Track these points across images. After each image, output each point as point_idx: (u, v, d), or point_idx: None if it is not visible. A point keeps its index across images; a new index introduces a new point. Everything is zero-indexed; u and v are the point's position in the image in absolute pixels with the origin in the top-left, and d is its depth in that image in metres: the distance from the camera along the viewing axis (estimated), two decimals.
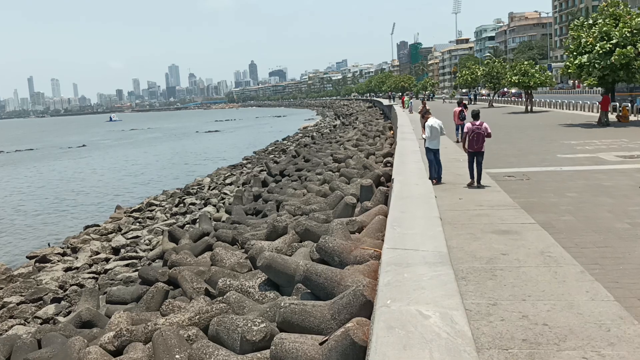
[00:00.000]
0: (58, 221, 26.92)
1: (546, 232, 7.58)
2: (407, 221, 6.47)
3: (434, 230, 6.04)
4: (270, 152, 46.10)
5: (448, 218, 8.34)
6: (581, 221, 8.36)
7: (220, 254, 10.18)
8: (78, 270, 16.33)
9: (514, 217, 8.44)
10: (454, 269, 5.38)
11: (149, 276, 11.32)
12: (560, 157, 15.59)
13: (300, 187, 19.36)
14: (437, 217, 6.72)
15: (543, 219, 8.45)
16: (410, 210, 6.95)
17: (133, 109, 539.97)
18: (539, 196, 10.34)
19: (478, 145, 11.56)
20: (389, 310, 4.28)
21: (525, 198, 10.10)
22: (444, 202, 9.36)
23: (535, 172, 13.20)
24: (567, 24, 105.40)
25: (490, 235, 7.42)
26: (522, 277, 5.73)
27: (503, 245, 6.93)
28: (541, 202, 9.74)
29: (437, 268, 5.10)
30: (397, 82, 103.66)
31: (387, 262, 5.52)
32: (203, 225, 17.12)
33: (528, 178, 12.40)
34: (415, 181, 9.10)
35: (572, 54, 24.51)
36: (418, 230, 6.08)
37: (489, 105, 51.82)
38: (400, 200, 7.61)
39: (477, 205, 9.37)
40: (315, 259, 8.51)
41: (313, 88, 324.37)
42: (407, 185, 8.90)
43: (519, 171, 13.37)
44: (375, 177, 14.52)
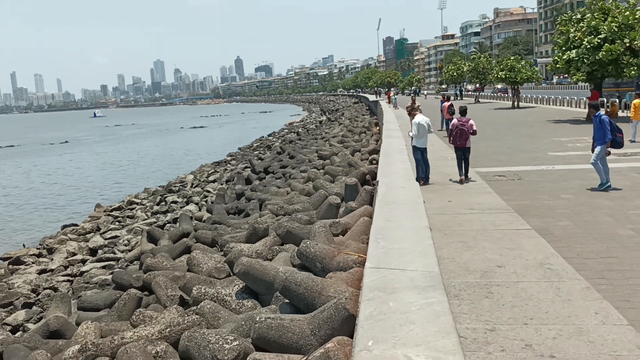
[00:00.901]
0: (35, 220, 26.16)
1: (544, 239, 7.06)
2: (393, 232, 5.77)
3: (424, 244, 5.28)
4: (255, 148, 45.52)
5: (437, 223, 7.80)
6: (580, 227, 7.87)
7: (197, 258, 9.66)
8: (52, 273, 15.71)
9: (507, 222, 7.92)
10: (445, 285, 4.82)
11: (123, 281, 10.77)
12: (551, 155, 15.16)
13: (284, 185, 18.88)
14: (426, 228, 6.00)
15: (539, 224, 7.97)
16: (397, 219, 6.26)
17: (118, 104, 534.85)
18: (532, 198, 9.89)
19: (461, 142, 11.48)
20: (371, 357, 3.59)
21: (518, 200, 9.64)
22: (433, 205, 8.84)
23: (526, 172, 12.72)
24: (552, 20, 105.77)
25: (484, 243, 6.90)
26: (522, 295, 5.17)
27: (498, 256, 6.38)
28: (535, 205, 9.28)
29: (428, 294, 4.46)
30: (383, 78, 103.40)
31: (369, 286, 4.82)
32: (183, 225, 16.56)
33: (520, 178, 11.96)
34: (401, 183, 8.49)
35: (560, 49, 24.19)
36: (405, 244, 5.35)
37: (475, 101, 51.62)
38: (386, 206, 6.96)
39: (468, 208, 8.85)
40: (297, 264, 8.05)
41: (299, 83, 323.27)
42: (393, 189, 8.28)
43: (509, 170, 12.89)
44: (361, 176, 14.07)
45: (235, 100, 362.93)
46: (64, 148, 69.33)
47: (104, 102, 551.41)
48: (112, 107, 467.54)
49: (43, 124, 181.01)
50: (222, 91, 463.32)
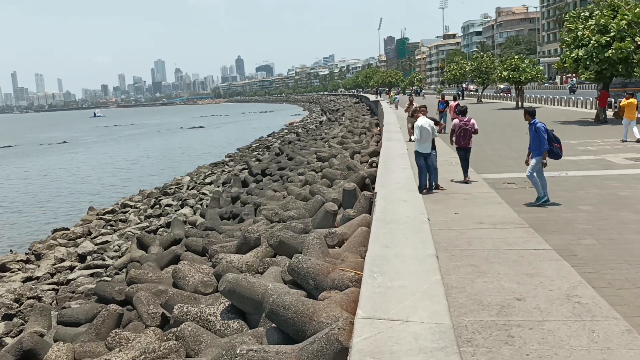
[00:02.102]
0: (26, 223, 25.50)
1: (567, 263, 6.08)
2: (393, 264, 4.66)
3: (430, 281, 4.10)
4: (254, 149, 44.85)
5: (443, 241, 6.90)
6: (607, 246, 6.94)
7: (182, 271, 8.98)
8: (38, 281, 15.03)
9: (523, 240, 6.98)
10: (455, 325, 3.92)
11: (105, 293, 10.11)
12: (563, 160, 14.09)
13: (281, 189, 18.21)
14: (432, 256, 4.84)
15: (559, 242, 7.06)
16: (397, 244, 5.13)
17: (118, 104, 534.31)
18: (548, 210, 9.05)
19: (465, 142, 11.49)
20: None
21: (532, 212, 8.78)
22: (438, 218, 7.94)
23: None
24: (555, 19, 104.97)
25: (498, 267, 5.98)
26: (549, 340, 4.23)
27: (516, 284, 5.46)
28: (552, 218, 8.37)
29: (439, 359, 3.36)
30: (384, 78, 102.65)
31: (359, 350, 3.66)
32: (175, 230, 15.91)
33: (532, 186, 10.92)
34: (402, 196, 7.47)
35: (568, 48, 23.39)
36: (407, 281, 4.21)
37: (477, 101, 50.87)
38: (384, 226, 5.88)
39: (477, 222, 7.92)
40: (288, 280, 7.38)
41: (300, 83, 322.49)
42: (393, 203, 7.23)
43: (519, 177, 11.88)
44: (360, 180, 13.40)
45: (236, 100, 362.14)
46: (62, 148, 68.69)
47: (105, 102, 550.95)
48: (112, 107, 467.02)
49: (43, 123, 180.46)
50: (222, 91, 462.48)
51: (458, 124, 11.58)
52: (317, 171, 19.93)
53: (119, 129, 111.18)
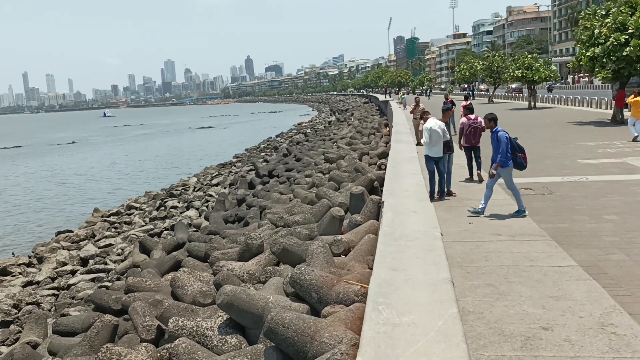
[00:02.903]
0: (32, 225, 25.28)
1: (597, 283, 5.44)
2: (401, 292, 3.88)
3: (446, 316, 3.24)
4: (262, 149, 44.49)
5: (457, 255, 6.27)
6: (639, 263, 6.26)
7: (181, 280, 8.55)
8: (38, 286, 14.72)
9: (545, 254, 6.35)
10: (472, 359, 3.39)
11: (102, 302, 9.72)
12: (581, 163, 13.49)
13: (287, 191, 17.77)
14: (447, 282, 3.98)
15: (585, 257, 6.39)
16: (406, 266, 4.37)
17: (128, 104, 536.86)
18: (570, 219, 8.31)
19: (475, 140, 11.49)
20: None
21: (553, 222, 8.06)
22: (450, 228, 7.37)
23: (556, 184, 11.12)
24: (567, 18, 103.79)
25: (519, 288, 5.33)
26: None
27: (541, 309, 4.83)
28: (575, 229, 7.71)
29: None
30: (394, 77, 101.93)
31: None
32: (179, 234, 15.51)
33: (550, 192, 10.44)
34: (412, 206, 6.69)
35: (584, 46, 22.70)
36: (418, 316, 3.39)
37: (488, 101, 50.15)
38: (392, 242, 5.10)
39: (494, 233, 7.32)
40: (290, 292, 6.93)
41: (309, 83, 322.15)
42: (402, 214, 6.43)
43: (536, 182, 11.29)
44: (368, 182, 12.92)
45: (245, 100, 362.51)
46: (70, 149, 68.76)
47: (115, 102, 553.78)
48: (122, 107, 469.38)
49: (53, 124, 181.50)
50: (232, 91, 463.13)
51: (467, 122, 11.53)
52: (324, 173, 19.48)
53: (128, 129, 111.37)
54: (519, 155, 9.09)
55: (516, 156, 9.02)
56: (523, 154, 9.23)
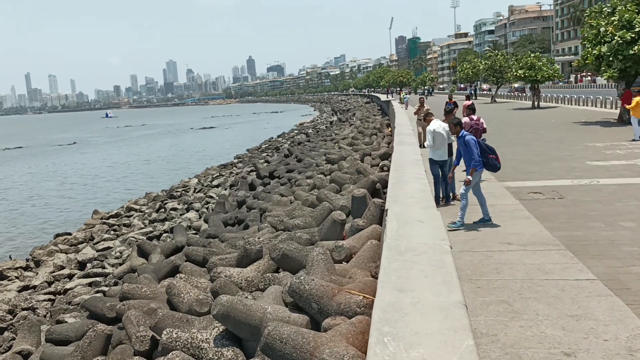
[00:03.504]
0: (31, 227, 25.04)
1: (619, 299, 4.96)
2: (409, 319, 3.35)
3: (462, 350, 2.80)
4: (263, 150, 44.22)
5: (466, 267, 5.88)
6: None
7: (177, 287, 8.27)
8: (34, 290, 14.44)
9: (561, 266, 5.92)
10: None
11: (96, 309, 9.44)
12: (591, 166, 12.98)
13: (288, 193, 17.50)
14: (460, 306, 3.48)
15: (604, 270, 5.94)
16: (414, 287, 3.87)
17: (130, 105, 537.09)
18: (584, 226, 7.84)
19: None
20: None
21: (567, 230, 7.60)
22: (458, 236, 7.02)
23: (567, 187, 10.65)
24: (570, 17, 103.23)
25: (535, 305, 4.91)
26: None
27: (561, 331, 4.41)
28: (591, 238, 7.25)
29: None
30: (396, 77, 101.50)
31: None
32: (177, 237, 15.27)
33: (561, 196, 9.90)
34: (418, 214, 6.17)
35: (590, 44, 22.32)
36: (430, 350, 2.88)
37: (491, 101, 49.77)
38: (398, 257, 4.61)
39: (504, 242, 6.89)
40: (289, 302, 6.64)
41: (311, 83, 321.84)
42: (407, 225, 5.87)
43: (545, 185, 10.83)
44: (370, 185, 12.63)
45: (247, 100, 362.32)
46: (72, 150, 68.57)
47: (117, 103, 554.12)
48: (124, 108, 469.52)
49: (55, 124, 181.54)
50: (234, 91, 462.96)
51: (469, 123, 11.48)
52: (325, 174, 19.21)
53: (130, 130, 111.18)
54: (490, 156, 8.71)
55: (487, 158, 8.63)
56: (494, 155, 8.85)
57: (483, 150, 8.60)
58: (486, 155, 8.64)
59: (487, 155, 8.67)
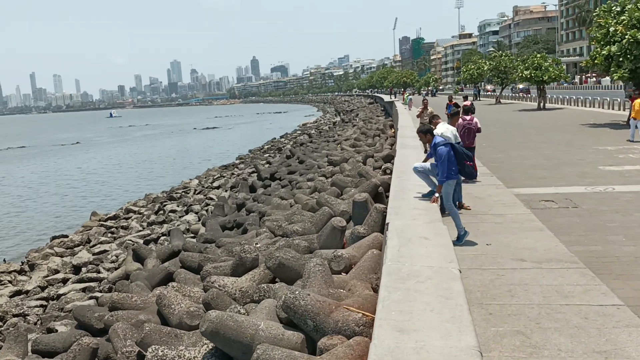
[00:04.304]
0: (28, 228, 24.69)
1: None
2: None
3: None
4: (265, 150, 43.81)
5: (475, 289, 5.22)
6: None
7: (168, 297, 7.85)
8: (27, 296, 14.05)
9: (582, 288, 5.26)
10: None
11: (85, 319, 9.03)
12: (604, 171, 12.22)
13: (288, 196, 17.09)
14: (474, 355, 2.89)
15: (631, 293, 5.26)
16: (417, 325, 3.26)
17: (135, 104, 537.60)
18: (603, 240, 7.12)
19: (469, 141, 11.45)
20: None
21: (584, 244, 6.94)
22: (465, 251, 6.37)
23: (580, 195, 9.94)
24: (575, 17, 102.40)
25: (557, 337, 4.30)
26: None
27: None
28: (611, 254, 6.55)
29: None
30: (399, 78, 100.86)
31: None
32: (174, 241, 14.87)
33: (575, 205, 9.17)
34: (422, 230, 5.54)
35: (598, 44, 21.74)
36: None
37: (496, 102, 49.23)
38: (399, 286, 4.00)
39: (516, 257, 6.20)
40: (283, 317, 6.21)
41: (315, 84, 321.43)
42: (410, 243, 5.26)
43: (557, 193, 10.13)
44: (372, 188, 12.18)
45: (250, 100, 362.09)
46: (74, 149, 68.32)
47: (121, 103, 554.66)
48: (129, 108, 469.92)
49: (59, 124, 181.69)
50: (237, 91, 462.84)
51: (462, 123, 11.46)
52: (327, 176, 18.80)
53: (133, 130, 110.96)
54: (467, 163, 8.00)
55: (464, 166, 7.91)
56: (471, 162, 8.22)
57: (459, 156, 7.85)
58: (462, 162, 7.89)
59: (464, 161, 7.92)
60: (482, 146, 15.62)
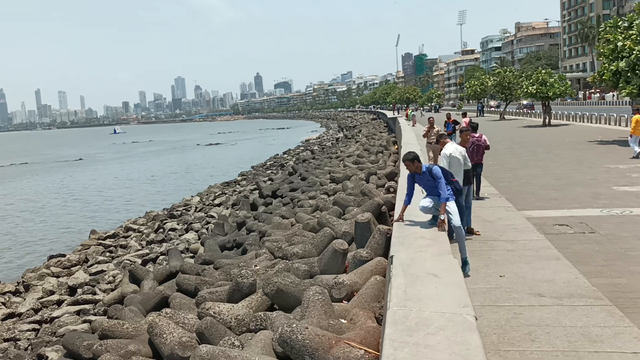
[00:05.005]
0: (27, 247, 24.32)
1: None
2: None
3: None
4: (268, 167, 43.54)
5: (491, 330, 4.74)
6: None
7: (160, 326, 7.43)
8: (20, 319, 13.63)
9: (610, 331, 4.67)
10: None
11: (74, 347, 8.60)
12: (619, 191, 11.52)
13: (290, 214, 16.69)
14: None
15: None
16: None
17: (139, 121, 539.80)
18: (627, 272, 6.46)
19: (478, 157, 11.33)
20: None
21: (607, 276, 6.29)
22: (477, 284, 5.82)
23: (596, 218, 9.25)
24: (577, 34, 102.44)
25: None
26: None
27: None
28: (638, 287, 5.91)
29: None
30: (402, 94, 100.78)
31: None
32: (172, 262, 14.44)
33: (592, 230, 8.50)
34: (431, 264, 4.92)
35: (606, 60, 21.37)
36: None
37: (500, 118, 48.89)
38: (405, 340, 3.38)
39: (533, 292, 5.61)
40: (279, 352, 5.80)
41: (318, 100, 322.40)
42: (417, 281, 4.68)
43: (571, 216, 9.50)
44: (375, 208, 11.80)
45: (254, 116, 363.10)
46: (76, 166, 68.17)
47: (125, 119, 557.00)
48: (133, 124, 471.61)
49: (63, 140, 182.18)
50: (241, 107, 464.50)
51: (471, 140, 11.04)
52: (329, 194, 18.43)
53: (136, 146, 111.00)
54: (454, 180, 7.72)
55: (452, 183, 7.60)
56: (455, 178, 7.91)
57: (447, 177, 7.57)
58: (451, 180, 7.62)
59: (452, 179, 7.66)
60: (489, 164, 15.14)
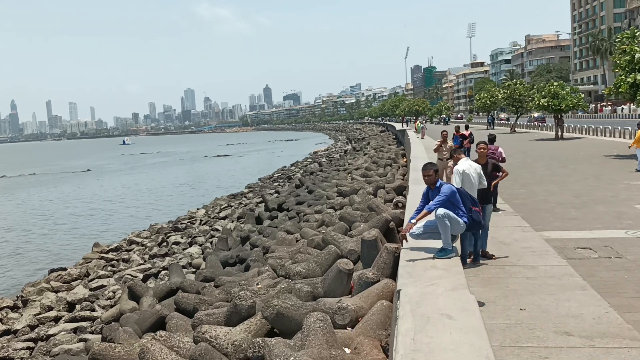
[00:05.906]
0: (29, 259, 23.98)
1: None
2: None
3: None
4: (275, 179, 43.13)
5: None
6: None
7: (152, 352, 6.98)
8: (15, 336, 13.22)
9: None
10: None
11: None
12: (636, 212, 10.80)
13: (295, 229, 16.22)
14: None
15: None
16: None
17: (148, 132, 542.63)
18: None
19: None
20: None
21: (636, 309, 5.65)
22: (495, 319, 5.18)
23: (621, 241, 8.54)
24: (588, 46, 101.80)
25: None
26: None
27: None
28: None
29: None
30: (411, 106, 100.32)
31: None
32: (173, 278, 14.03)
33: (618, 255, 7.78)
34: (444, 303, 4.30)
35: (623, 71, 20.82)
36: None
37: (511, 131, 48.27)
38: None
39: (559, 330, 4.98)
40: None
41: (327, 112, 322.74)
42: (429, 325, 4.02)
43: (594, 238, 8.78)
44: (383, 224, 11.32)
45: (263, 128, 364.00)
46: (84, 177, 68.18)
47: (135, 130, 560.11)
48: (142, 135, 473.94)
49: (72, 151, 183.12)
50: (250, 119, 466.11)
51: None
52: (336, 209, 17.97)
53: (145, 157, 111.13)
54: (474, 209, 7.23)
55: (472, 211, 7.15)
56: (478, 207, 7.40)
57: (465, 200, 7.03)
58: (469, 207, 7.01)
59: (471, 207, 7.03)
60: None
